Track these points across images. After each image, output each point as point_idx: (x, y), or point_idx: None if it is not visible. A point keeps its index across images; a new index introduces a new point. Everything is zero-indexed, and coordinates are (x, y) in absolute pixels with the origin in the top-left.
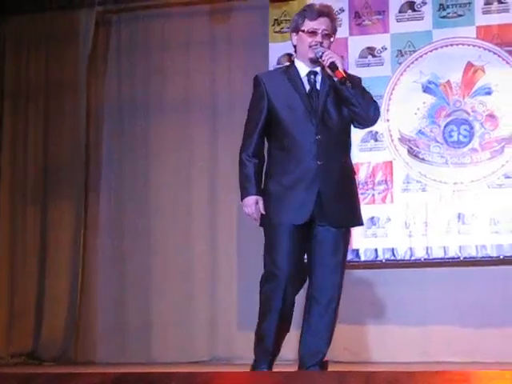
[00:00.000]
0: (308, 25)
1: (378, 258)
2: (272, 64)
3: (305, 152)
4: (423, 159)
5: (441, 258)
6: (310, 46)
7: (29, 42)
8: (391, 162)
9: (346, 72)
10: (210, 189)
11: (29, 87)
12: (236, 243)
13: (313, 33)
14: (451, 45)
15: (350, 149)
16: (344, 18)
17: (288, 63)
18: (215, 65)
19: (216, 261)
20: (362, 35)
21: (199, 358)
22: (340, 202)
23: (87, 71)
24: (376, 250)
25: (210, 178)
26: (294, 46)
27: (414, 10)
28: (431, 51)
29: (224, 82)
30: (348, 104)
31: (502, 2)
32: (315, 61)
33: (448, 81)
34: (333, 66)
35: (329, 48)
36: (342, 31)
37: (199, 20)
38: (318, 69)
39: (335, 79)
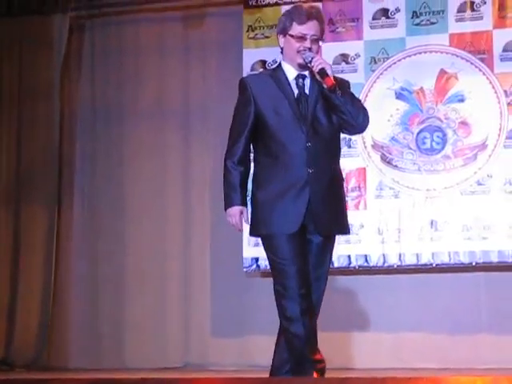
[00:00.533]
0: (296, 29)
1: (352, 265)
2: (246, 70)
3: (294, 159)
4: (396, 166)
5: (414, 265)
6: (299, 52)
7: (2, 46)
8: (364, 169)
9: (335, 79)
10: (184, 194)
11: (2, 92)
12: (209, 249)
13: (301, 38)
14: (424, 52)
15: (339, 156)
16: None
17: (261, 69)
18: (189, 70)
19: (190, 267)
20: (336, 42)
21: (173, 364)
22: (329, 210)
23: (61, 76)
24: (349, 257)
25: (183, 183)
26: (281, 48)
27: (388, 18)
28: (404, 58)
29: (198, 88)
30: (337, 111)
31: (474, 10)
32: (304, 66)
33: (421, 88)
34: (322, 73)
35: (317, 53)
36: None
37: (173, 26)
38: (306, 72)
39: (325, 86)
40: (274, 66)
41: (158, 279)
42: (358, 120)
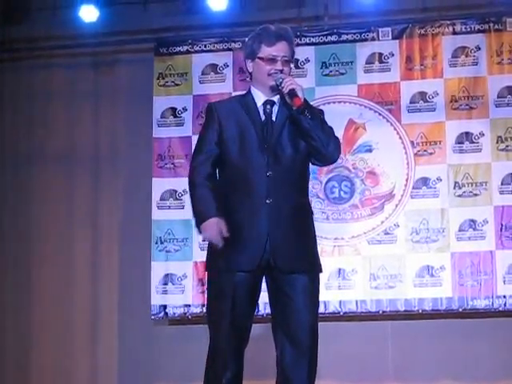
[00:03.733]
0: (266, 51)
1: (259, 313)
2: (156, 117)
3: (254, 188)
4: None
5: (321, 313)
6: (270, 74)
7: None
8: None
9: (306, 101)
10: (92, 240)
11: None
12: (117, 296)
13: (272, 60)
14: (333, 102)
15: (306, 188)
16: (228, 74)
17: (171, 117)
18: (99, 116)
19: (97, 314)
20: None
21: None
22: (292, 245)
23: None
24: (257, 305)
25: (91, 229)
26: (250, 73)
27: (298, 67)
28: None
29: (107, 134)
30: (306, 137)
31: (382, 62)
32: (275, 89)
33: None
34: (292, 94)
35: (289, 75)
36: (227, 86)
37: (83, 72)
38: (275, 98)
39: (294, 108)
40: (244, 92)
41: (64, 327)
42: (328, 148)
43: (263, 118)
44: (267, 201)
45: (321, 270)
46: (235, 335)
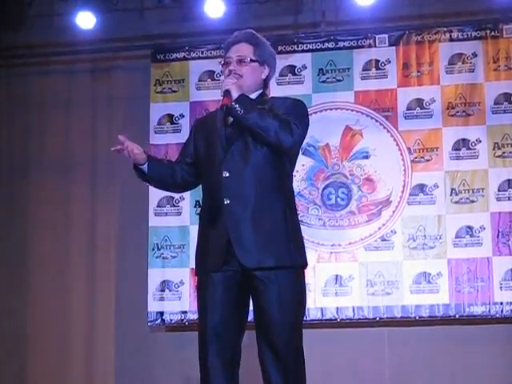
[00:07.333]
0: (224, 59)
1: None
2: (153, 124)
3: (214, 190)
4: (302, 221)
5: (318, 320)
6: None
7: None
8: None
9: (241, 99)
10: (89, 247)
11: None
12: (114, 303)
13: (227, 63)
14: (330, 109)
15: (276, 183)
16: None
17: (168, 123)
18: (96, 123)
19: (94, 321)
20: None
21: None
22: (255, 242)
23: None
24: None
25: (88, 236)
26: None
27: (295, 74)
28: (311, 115)
29: (104, 141)
30: (252, 133)
31: (379, 68)
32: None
33: (327, 144)
34: (224, 95)
35: (246, 73)
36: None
37: (80, 78)
38: None
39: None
40: None
41: (61, 334)
42: (269, 134)
43: (230, 120)
44: (226, 201)
45: (302, 265)
46: (222, 352)
